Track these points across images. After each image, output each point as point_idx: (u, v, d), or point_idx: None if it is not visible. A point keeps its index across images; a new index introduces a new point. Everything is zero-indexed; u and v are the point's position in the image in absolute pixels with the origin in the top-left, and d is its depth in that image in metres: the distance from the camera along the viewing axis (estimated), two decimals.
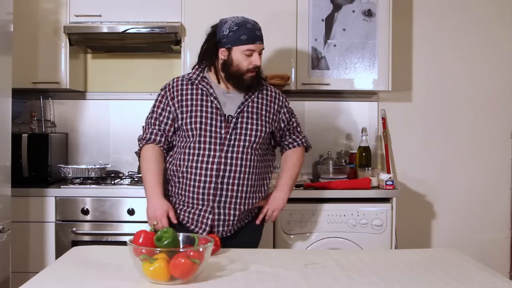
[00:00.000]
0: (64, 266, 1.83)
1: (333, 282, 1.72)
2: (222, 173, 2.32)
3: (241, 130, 2.36)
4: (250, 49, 2.35)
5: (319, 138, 3.71)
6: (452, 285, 1.70)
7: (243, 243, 2.33)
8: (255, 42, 2.35)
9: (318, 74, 3.39)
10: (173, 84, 2.45)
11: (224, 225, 2.36)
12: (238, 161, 2.34)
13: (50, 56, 3.37)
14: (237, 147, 2.34)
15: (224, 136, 2.34)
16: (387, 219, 3.12)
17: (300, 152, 2.60)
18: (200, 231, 2.36)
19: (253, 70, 2.37)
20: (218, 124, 2.35)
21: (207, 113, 2.36)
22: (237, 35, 2.34)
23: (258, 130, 2.38)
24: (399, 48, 3.66)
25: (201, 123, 2.34)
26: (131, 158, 3.62)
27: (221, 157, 2.32)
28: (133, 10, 3.35)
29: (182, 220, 2.39)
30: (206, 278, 1.72)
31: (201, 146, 2.33)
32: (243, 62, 2.35)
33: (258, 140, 2.38)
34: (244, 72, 2.36)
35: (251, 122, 2.38)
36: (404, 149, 3.80)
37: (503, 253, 3.84)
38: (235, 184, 2.34)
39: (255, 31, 2.36)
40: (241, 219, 2.41)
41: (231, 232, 2.38)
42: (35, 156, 3.30)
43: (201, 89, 2.40)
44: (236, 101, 2.41)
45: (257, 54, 2.37)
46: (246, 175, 2.35)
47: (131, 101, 3.69)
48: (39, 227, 3.13)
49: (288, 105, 2.57)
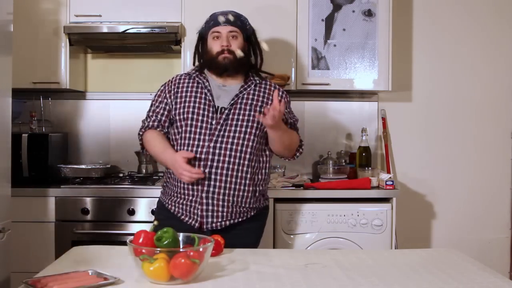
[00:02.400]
0: (64, 266, 1.83)
1: (333, 282, 1.72)
2: (210, 163, 2.34)
3: (232, 122, 2.38)
4: (215, 30, 2.44)
5: (319, 138, 3.71)
6: (452, 285, 1.70)
7: (243, 243, 2.33)
8: (219, 24, 2.44)
9: (318, 74, 3.39)
10: (172, 79, 2.54)
11: (213, 216, 2.37)
12: (227, 151, 2.35)
13: (50, 56, 3.37)
14: (227, 137, 2.36)
15: (215, 127, 2.37)
16: (387, 219, 3.12)
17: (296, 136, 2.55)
18: (193, 222, 2.37)
19: (225, 52, 2.42)
20: (210, 115, 2.39)
21: (200, 104, 2.41)
22: (208, 24, 2.49)
23: (250, 121, 2.39)
24: (399, 48, 3.66)
25: (193, 113, 2.40)
26: (131, 158, 3.62)
27: (210, 147, 2.34)
28: (133, 10, 3.35)
29: (177, 213, 2.42)
30: (206, 278, 1.72)
31: (191, 136, 2.38)
32: (213, 46, 2.45)
33: (250, 130, 2.39)
34: (215, 55, 2.43)
35: (243, 113, 2.40)
36: (404, 149, 3.80)
37: (503, 253, 3.84)
38: (223, 175, 2.35)
39: (222, 16, 2.45)
40: (232, 213, 2.39)
41: (222, 226, 2.38)
42: (35, 156, 3.30)
43: (197, 82, 2.47)
44: (231, 93, 2.44)
45: (224, 36, 2.43)
46: (235, 166, 2.36)
47: (131, 101, 3.69)
48: (39, 227, 3.13)
49: (288, 102, 2.55)
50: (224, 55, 2.43)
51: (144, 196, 3.11)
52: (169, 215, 2.42)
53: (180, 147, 2.40)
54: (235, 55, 2.43)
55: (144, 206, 3.12)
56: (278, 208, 3.10)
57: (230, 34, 2.44)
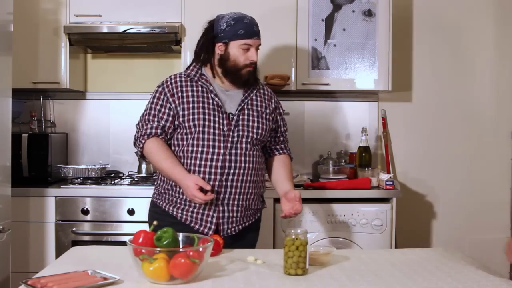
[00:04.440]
0: (64, 266, 1.83)
1: (333, 282, 1.72)
2: (227, 171, 2.30)
3: (243, 127, 2.35)
4: (247, 43, 2.34)
5: (319, 138, 3.71)
6: (451, 284, 1.71)
7: (244, 244, 2.33)
8: (252, 37, 2.35)
9: (318, 74, 3.39)
10: (171, 81, 2.41)
11: (228, 223, 2.34)
12: (242, 157, 2.32)
13: (50, 56, 3.37)
14: (240, 143, 2.33)
15: (227, 133, 2.32)
16: (387, 219, 3.12)
17: (290, 161, 2.58)
18: (206, 230, 2.32)
19: (250, 66, 2.37)
20: (221, 121, 2.33)
21: (209, 110, 2.33)
22: (235, 30, 2.33)
23: (260, 128, 2.38)
24: (399, 48, 3.66)
25: (204, 119, 2.31)
26: (131, 158, 3.62)
27: (226, 154, 2.31)
28: (133, 10, 3.35)
29: (185, 220, 2.34)
30: (206, 278, 1.72)
31: (204, 143, 2.30)
32: (240, 57, 2.35)
33: (260, 137, 2.38)
34: (241, 67, 2.36)
35: (252, 119, 2.38)
36: (404, 149, 3.80)
37: (503, 253, 3.82)
38: (239, 181, 2.33)
39: (253, 26, 2.36)
40: (244, 216, 2.39)
41: (236, 231, 2.36)
42: (35, 156, 3.29)
43: (201, 86, 2.38)
44: (236, 99, 2.40)
45: (254, 50, 2.36)
46: (249, 171, 2.35)
47: (131, 101, 3.69)
48: (39, 227, 3.13)
49: (281, 108, 2.56)
50: (249, 69, 2.37)
51: (144, 196, 3.10)
52: (175, 221, 2.31)
53: (192, 154, 2.30)
54: (256, 66, 2.40)
55: (144, 206, 3.11)
56: (278, 208, 3.10)
57: (257, 48, 2.39)
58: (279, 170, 2.51)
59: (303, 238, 1.81)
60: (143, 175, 3.51)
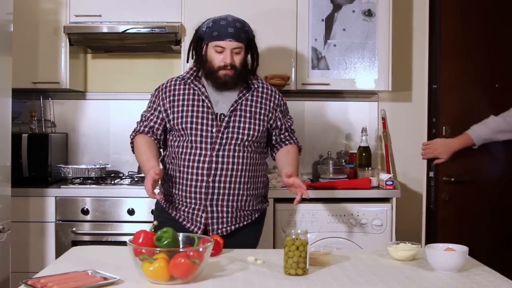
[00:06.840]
0: (64, 266, 1.83)
1: (333, 282, 1.72)
2: (214, 172, 2.32)
3: (233, 129, 2.35)
4: (219, 45, 2.33)
5: (319, 138, 3.71)
6: (451, 284, 1.71)
7: (243, 243, 2.33)
8: (224, 39, 2.32)
9: (318, 74, 3.39)
10: (166, 84, 2.47)
11: (218, 223, 2.37)
12: (230, 159, 2.33)
13: (50, 56, 3.37)
14: (229, 145, 2.34)
15: (216, 135, 2.34)
16: (387, 219, 3.12)
17: (296, 150, 2.57)
18: (195, 229, 2.37)
19: (225, 68, 2.34)
20: (210, 123, 2.35)
21: (198, 112, 2.36)
22: (211, 31, 2.35)
23: (251, 129, 2.38)
24: (399, 48, 3.66)
25: (192, 122, 2.35)
26: (131, 158, 3.60)
27: (212, 156, 2.32)
28: (133, 10, 3.35)
29: (178, 218, 2.40)
30: (206, 278, 1.72)
31: (192, 145, 2.34)
32: (214, 59, 2.35)
33: (252, 138, 2.37)
34: (216, 69, 2.35)
35: (244, 120, 2.37)
36: (404, 149, 3.79)
37: None
38: (227, 182, 2.34)
39: (228, 28, 2.32)
40: (237, 217, 2.39)
41: (227, 231, 2.38)
42: (35, 156, 3.30)
43: (193, 89, 2.41)
44: (230, 99, 2.40)
45: (228, 51, 2.33)
46: (238, 173, 2.35)
47: (131, 101, 3.69)
48: (39, 227, 3.13)
49: (284, 104, 2.54)
50: (225, 72, 2.35)
51: (144, 196, 3.06)
52: (170, 218, 2.41)
53: (181, 155, 2.36)
54: (236, 69, 2.36)
55: (144, 206, 3.12)
56: (278, 208, 3.10)
57: (234, 50, 2.35)
58: (281, 159, 2.50)
59: (303, 238, 1.81)
60: (143, 175, 3.51)
